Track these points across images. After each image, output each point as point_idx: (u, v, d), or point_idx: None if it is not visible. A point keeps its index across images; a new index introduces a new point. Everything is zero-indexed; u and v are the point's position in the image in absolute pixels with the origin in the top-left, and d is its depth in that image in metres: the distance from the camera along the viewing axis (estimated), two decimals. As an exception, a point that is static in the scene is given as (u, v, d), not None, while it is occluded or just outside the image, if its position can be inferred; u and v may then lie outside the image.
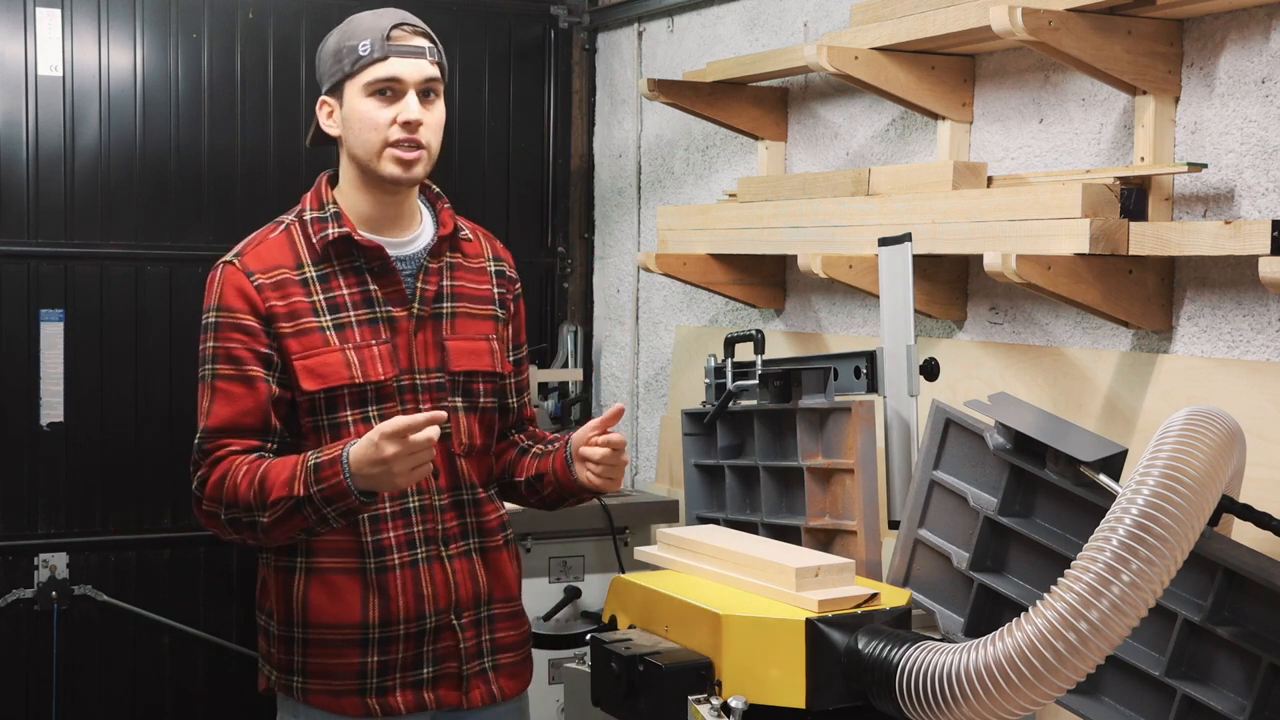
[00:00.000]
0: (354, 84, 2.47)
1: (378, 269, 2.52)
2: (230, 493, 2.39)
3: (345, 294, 2.49)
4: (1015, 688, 2.06)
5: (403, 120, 2.45)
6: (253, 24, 4.79)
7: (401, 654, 2.52)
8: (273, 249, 2.52)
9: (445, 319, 2.57)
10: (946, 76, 3.51)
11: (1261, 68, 2.85)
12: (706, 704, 2.31)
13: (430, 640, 2.54)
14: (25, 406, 4.58)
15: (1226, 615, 2.28)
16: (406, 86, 2.46)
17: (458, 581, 2.57)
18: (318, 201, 2.56)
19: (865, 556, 2.87)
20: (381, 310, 2.51)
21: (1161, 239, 2.81)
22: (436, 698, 2.56)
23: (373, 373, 2.47)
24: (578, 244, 5.26)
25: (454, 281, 2.59)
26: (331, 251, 2.51)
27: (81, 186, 4.61)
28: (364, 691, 2.52)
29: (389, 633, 2.51)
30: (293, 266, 2.50)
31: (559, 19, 5.20)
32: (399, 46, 2.45)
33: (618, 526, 3.98)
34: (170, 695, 4.83)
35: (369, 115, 2.46)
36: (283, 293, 2.47)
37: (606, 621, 2.68)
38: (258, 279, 2.47)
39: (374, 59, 2.44)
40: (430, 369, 2.53)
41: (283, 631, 2.55)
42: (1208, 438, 2.13)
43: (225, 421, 2.44)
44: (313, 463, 2.34)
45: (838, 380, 3.05)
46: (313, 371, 2.46)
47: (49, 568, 4.63)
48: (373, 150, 2.48)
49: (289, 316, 2.46)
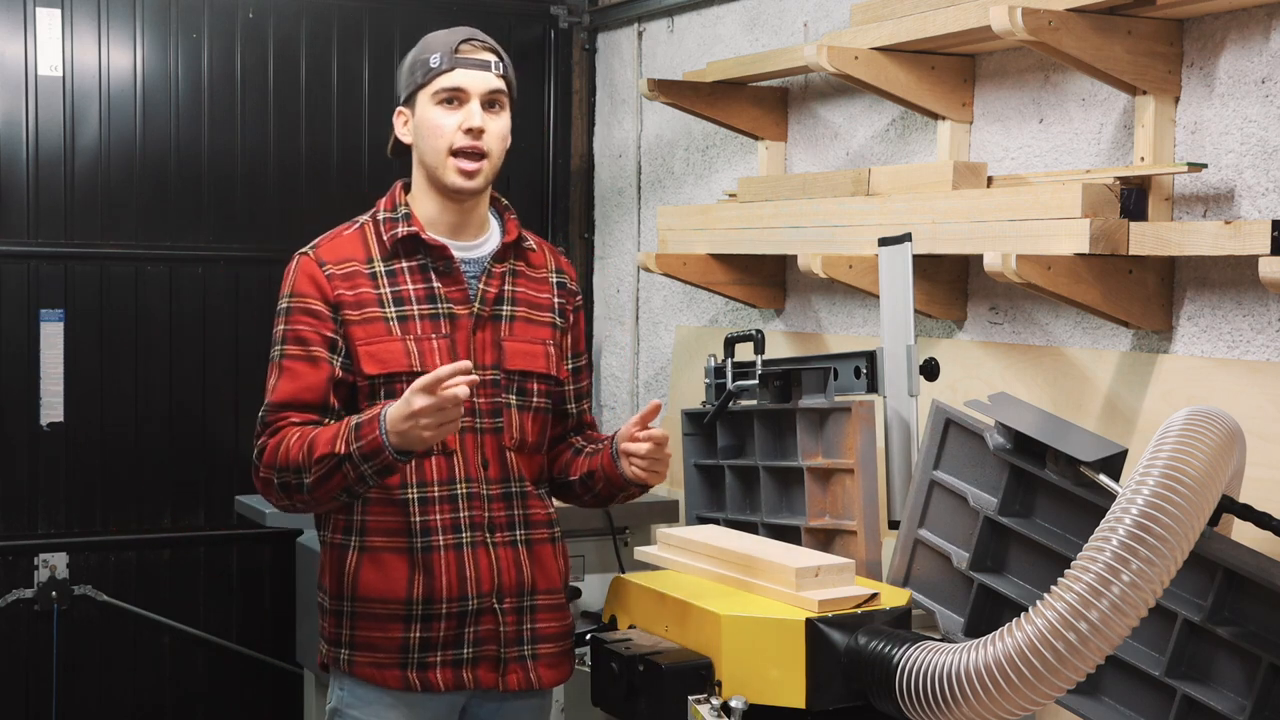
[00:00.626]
0: (424, 94, 2.65)
1: (442, 268, 2.67)
2: (283, 457, 2.55)
3: (410, 289, 2.66)
4: (1015, 688, 2.06)
5: (465, 127, 2.62)
6: (253, 24, 4.79)
7: (443, 632, 2.63)
8: (346, 243, 2.70)
9: (504, 321, 2.71)
10: (946, 76, 3.51)
11: (1261, 68, 2.85)
12: (706, 704, 2.32)
13: (472, 621, 2.65)
14: (25, 406, 4.58)
15: (1226, 615, 2.28)
16: (470, 96, 2.63)
17: (501, 568, 2.67)
18: (391, 204, 2.73)
19: (865, 556, 2.87)
20: (443, 307, 2.66)
21: (1161, 239, 2.81)
22: (475, 678, 2.66)
23: (430, 363, 2.60)
24: (578, 244, 5.26)
25: (515, 287, 2.74)
26: (400, 249, 2.67)
27: (81, 186, 4.61)
28: (405, 665, 2.63)
29: (431, 610, 2.63)
30: (363, 260, 2.67)
31: (559, 19, 5.20)
32: (465, 59, 2.63)
33: (618, 526, 3.98)
34: (170, 695, 4.83)
35: (435, 122, 2.63)
36: (351, 283, 2.64)
37: (606, 621, 2.68)
38: (329, 269, 2.65)
39: (442, 70, 2.63)
40: (486, 365, 2.67)
41: (334, 606, 2.69)
42: (1208, 438, 2.13)
43: (287, 396, 2.61)
44: (354, 422, 2.49)
45: (838, 380, 3.05)
46: (374, 357, 2.61)
47: (49, 568, 4.63)
48: (439, 157, 2.64)
49: (356, 305, 2.63)
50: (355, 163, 4.94)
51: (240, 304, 4.83)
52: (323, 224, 4.00)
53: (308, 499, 2.57)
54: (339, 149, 4.92)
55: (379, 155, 4.94)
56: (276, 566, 4.89)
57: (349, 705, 2.68)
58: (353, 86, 4.93)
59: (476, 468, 2.65)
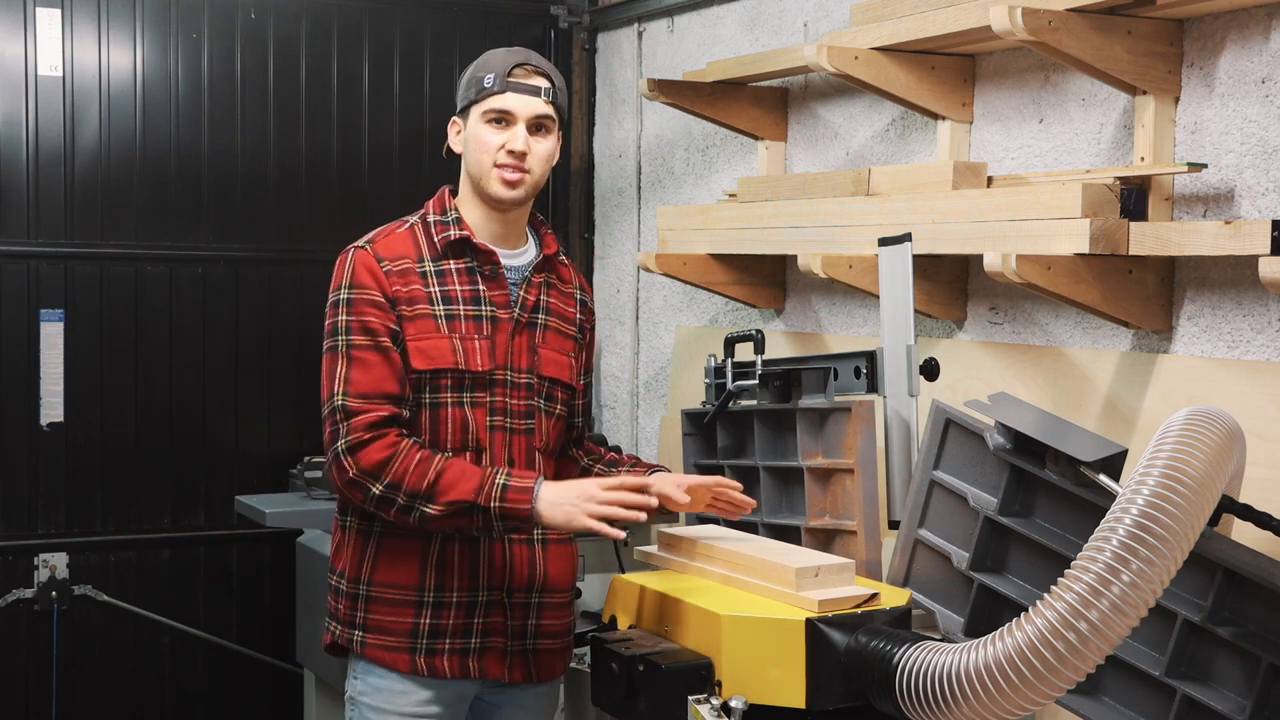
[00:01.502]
0: (476, 110, 2.76)
1: (488, 273, 2.78)
2: (398, 475, 2.61)
3: (458, 289, 2.75)
4: (1015, 688, 2.06)
5: (509, 149, 2.73)
6: (253, 24, 4.79)
7: (452, 621, 2.73)
8: (400, 241, 2.78)
9: (539, 329, 2.83)
10: (946, 76, 3.51)
11: (1261, 68, 2.85)
12: (706, 704, 2.32)
13: (481, 613, 2.75)
14: (25, 406, 4.59)
15: (1226, 615, 2.28)
16: (517, 119, 2.74)
17: (514, 564, 2.77)
18: (440, 207, 2.82)
19: (865, 556, 2.87)
20: (487, 309, 2.77)
21: (1161, 239, 2.81)
22: (481, 668, 2.76)
23: (473, 363, 2.73)
24: (578, 244, 5.26)
25: (549, 298, 2.87)
26: (450, 251, 2.77)
27: (81, 186, 4.61)
28: (414, 650, 2.73)
29: (442, 599, 2.73)
30: (415, 259, 2.76)
31: (559, 19, 5.20)
32: (517, 83, 2.74)
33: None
34: (170, 695, 4.83)
35: (483, 139, 2.74)
36: (405, 280, 2.72)
37: (606, 621, 2.68)
38: (386, 264, 2.73)
39: (494, 91, 2.74)
40: (522, 369, 2.79)
41: (350, 589, 2.78)
42: (1208, 438, 2.13)
43: (366, 387, 2.67)
44: (502, 483, 2.61)
45: (838, 380, 3.05)
46: (423, 352, 2.70)
47: (49, 568, 4.63)
48: (484, 169, 2.75)
49: (408, 301, 2.71)
50: (355, 162, 4.94)
51: (240, 304, 4.83)
52: (322, 224, 4.03)
53: (414, 522, 2.64)
54: (339, 149, 4.92)
55: (379, 155, 4.98)
56: (276, 566, 4.89)
57: (362, 694, 2.78)
58: (353, 86, 4.93)
59: (503, 465, 2.74)
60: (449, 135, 2.84)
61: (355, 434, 2.64)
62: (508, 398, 2.76)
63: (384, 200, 4.77)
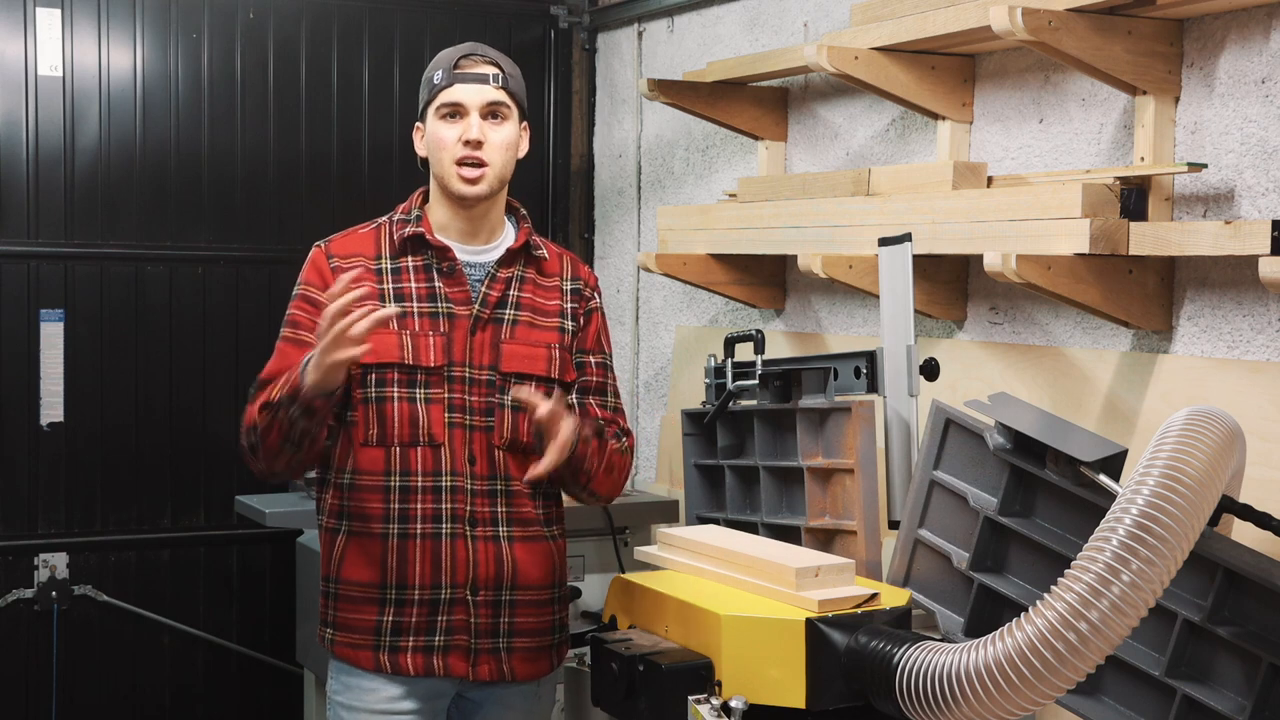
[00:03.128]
0: (431, 109, 2.77)
1: (446, 269, 2.78)
2: (248, 418, 2.70)
3: (413, 287, 2.77)
4: (1015, 688, 2.06)
5: (463, 139, 2.72)
6: (253, 24, 4.79)
7: (415, 618, 2.74)
8: (358, 241, 2.83)
9: (505, 324, 2.80)
10: (946, 76, 3.51)
11: (1261, 68, 2.85)
12: (706, 704, 2.31)
13: (445, 610, 2.74)
14: (25, 406, 4.59)
15: (1226, 615, 2.28)
16: (468, 110, 2.74)
17: (477, 561, 2.75)
18: (408, 208, 2.85)
19: (865, 556, 2.87)
20: (443, 306, 2.77)
21: (1161, 239, 2.81)
22: (445, 665, 2.75)
23: (424, 359, 2.74)
24: (578, 244, 5.26)
25: (521, 292, 2.83)
26: (407, 248, 2.79)
27: (81, 186, 4.61)
28: (378, 647, 2.75)
29: (404, 595, 2.74)
30: (371, 257, 2.80)
31: (559, 19, 5.20)
32: (463, 74, 2.74)
33: (618, 526, 3.98)
34: (170, 695, 4.83)
35: (440, 135, 2.75)
36: (355, 279, 2.69)
37: (606, 621, 2.68)
38: (335, 261, 2.78)
39: (443, 86, 2.75)
40: (483, 365, 2.77)
41: (324, 587, 2.83)
42: (1208, 438, 2.13)
43: (270, 374, 2.75)
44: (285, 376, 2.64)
45: (838, 380, 3.05)
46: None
47: (49, 568, 4.63)
48: (444, 168, 2.75)
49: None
50: (355, 163, 4.94)
51: (240, 304, 4.83)
52: (322, 223, 4.02)
53: (264, 455, 2.69)
54: (339, 149, 4.92)
55: (379, 155, 4.98)
56: (276, 566, 4.89)
57: (336, 693, 2.82)
58: (353, 86, 4.93)
59: (463, 462, 2.75)
60: (415, 144, 2.84)
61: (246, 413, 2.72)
62: (466, 394, 2.75)
63: (384, 200, 4.71)
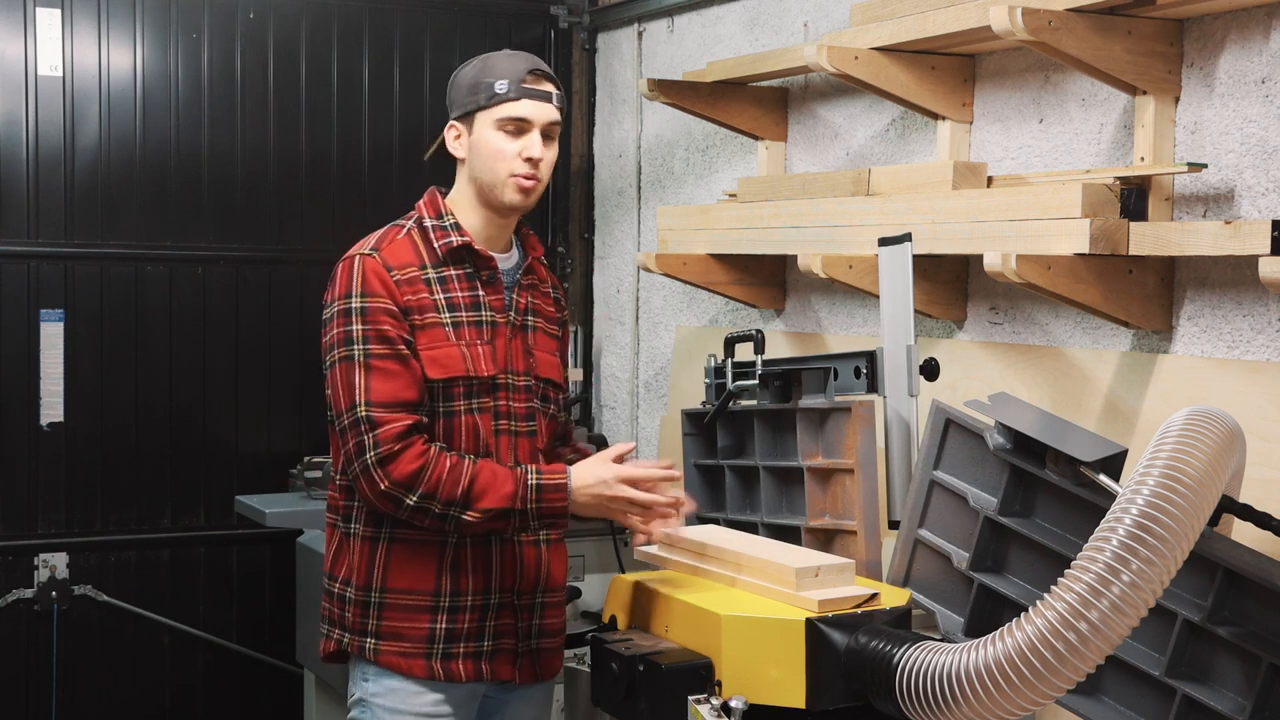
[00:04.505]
0: (486, 116, 2.70)
1: (487, 278, 2.77)
2: (432, 485, 2.59)
3: (460, 296, 2.73)
4: (1015, 688, 2.06)
5: (526, 156, 2.69)
6: (253, 24, 4.79)
7: (467, 624, 2.74)
8: (402, 249, 2.73)
9: (530, 331, 2.83)
10: (946, 76, 3.51)
11: (1261, 68, 2.85)
12: (706, 704, 2.32)
13: (493, 615, 2.76)
14: (25, 406, 4.58)
15: (1226, 615, 2.28)
16: (533, 126, 2.70)
17: (524, 566, 2.78)
18: (435, 211, 2.78)
19: (865, 556, 2.87)
20: (486, 314, 2.75)
21: (1162, 239, 2.81)
22: (493, 670, 2.77)
23: (478, 369, 2.72)
24: (578, 244, 5.26)
25: (534, 300, 2.86)
26: (450, 257, 2.74)
27: (81, 186, 4.61)
28: (431, 655, 2.73)
29: (458, 603, 2.73)
30: (418, 266, 2.72)
31: (559, 19, 5.20)
32: (532, 90, 2.70)
33: (618, 526, 3.98)
34: (170, 695, 4.83)
35: (498, 147, 2.69)
36: (414, 289, 2.70)
37: (606, 621, 2.68)
38: (395, 274, 2.69)
39: (508, 98, 2.68)
40: (520, 372, 2.79)
41: (360, 596, 2.75)
42: (1208, 438, 2.13)
43: (388, 396, 2.63)
44: (535, 483, 2.62)
45: (838, 380, 3.05)
46: (436, 361, 2.68)
47: (49, 568, 4.63)
48: (498, 178, 2.70)
49: (418, 310, 2.69)
50: (355, 163, 4.94)
51: (240, 304, 4.83)
52: (322, 224, 4.02)
53: (451, 528, 2.65)
54: (339, 149, 4.92)
55: (379, 155, 4.97)
56: (276, 566, 4.89)
57: (375, 695, 2.75)
58: (353, 86, 4.93)
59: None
60: (446, 139, 2.77)
61: (385, 445, 2.59)
62: (510, 401, 2.76)
63: (384, 200, 4.77)
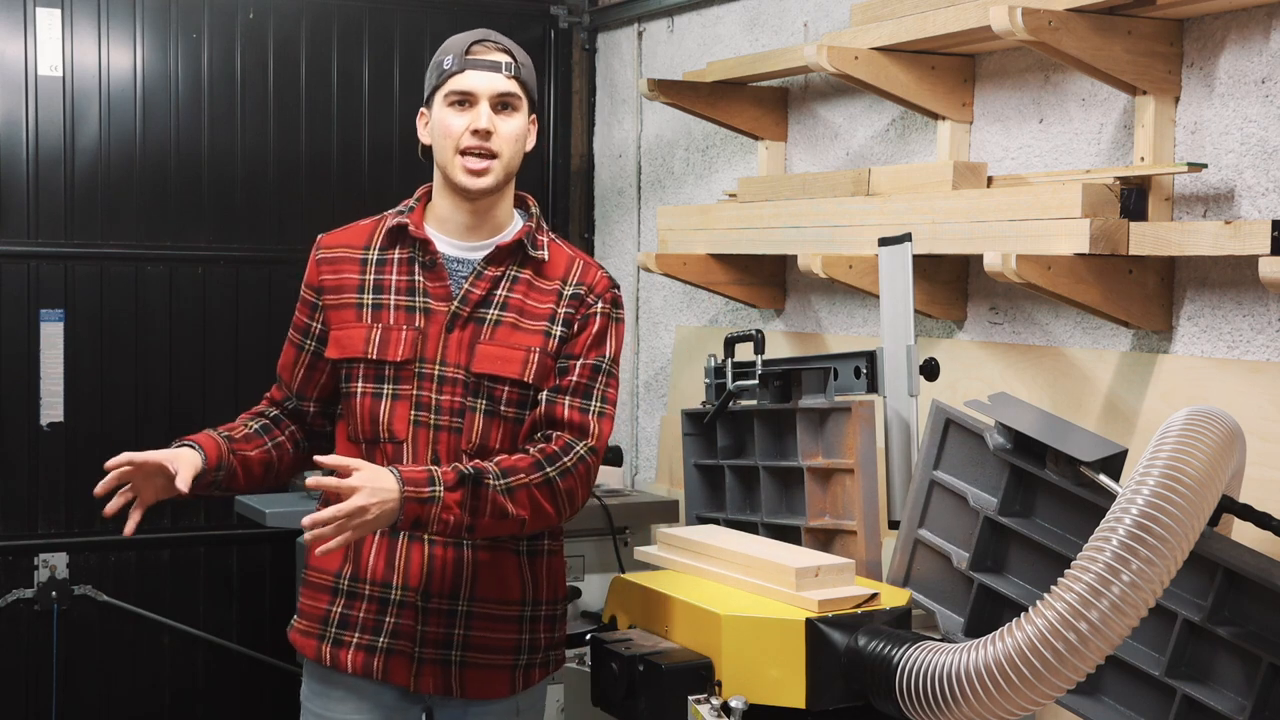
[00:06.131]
0: (438, 95, 2.67)
1: (428, 263, 2.68)
2: None
3: (393, 279, 2.69)
4: (1015, 688, 2.06)
5: (473, 128, 2.61)
6: (253, 24, 4.79)
7: (363, 613, 2.64)
8: (354, 233, 2.77)
9: (487, 324, 2.65)
10: (946, 76, 3.51)
11: (1261, 68, 2.85)
12: (706, 704, 2.32)
13: (393, 612, 2.63)
14: (25, 406, 4.58)
15: (1226, 615, 2.28)
16: (479, 98, 2.63)
17: (433, 567, 2.61)
18: (410, 201, 2.79)
19: (865, 556, 2.87)
20: (420, 300, 2.67)
21: (1162, 239, 2.81)
22: (385, 669, 2.63)
23: (392, 353, 2.64)
24: (578, 244, 5.25)
25: (510, 293, 2.67)
26: (391, 240, 2.72)
27: (81, 186, 4.61)
28: (323, 638, 2.68)
29: (356, 588, 2.65)
30: (359, 247, 2.74)
31: (559, 19, 5.20)
32: (475, 60, 2.65)
33: (618, 526, 3.98)
34: (170, 695, 4.83)
35: (446, 123, 2.64)
36: (335, 268, 2.72)
37: (606, 621, 2.68)
38: (321, 253, 2.74)
39: (453, 72, 2.65)
40: (456, 364, 2.64)
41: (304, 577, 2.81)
42: (1208, 438, 2.13)
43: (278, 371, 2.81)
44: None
45: (838, 380, 3.05)
46: (337, 342, 2.69)
47: (49, 568, 4.63)
48: (448, 157, 2.65)
49: (335, 290, 2.71)
50: (355, 163, 4.94)
51: (240, 304, 4.83)
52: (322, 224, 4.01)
53: None
54: (339, 149, 4.92)
55: (379, 155, 4.97)
56: (276, 566, 4.89)
57: (306, 698, 2.74)
58: (353, 86, 4.93)
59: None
60: (418, 130, 2.72)
61: None
62: (434, 392, 2.61)
63: (384, 200, 4.70)
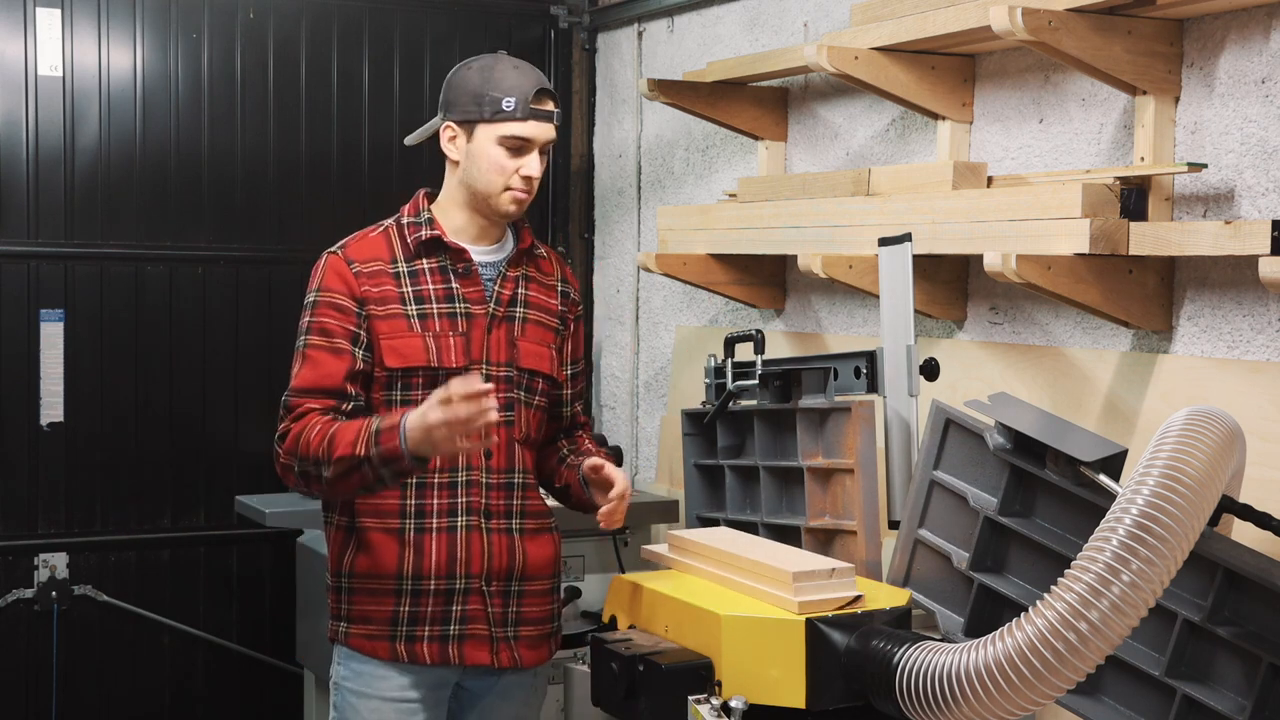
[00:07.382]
0: (489, 129, 2.77)
1: (461, 270, 2.84)
2: (304, 447, 2.72)
3: (430, 289, 2.82)
4: (1015, 688, 2.06)
5: (525, 174, 2.79)
6: (253, 24, 4.79)
7: (430, 608, 2.79)
8: (372, 244, 2.85)
9: (517, 321, 2.88)
10: (946, 76, 3.51)
11: (1261, 68, 2.85)
12: (706, 704, 2.32)
13: (459, 600, 2.80)
14: (25, 406, 4.58)
15: (1226, 615, 2.28)
16: (534, 146, 2.79)
17: (492, 553, 2.82)
18: (415, 210, 2.89)
19: (865, 556, 2.87)
20: (461, 306, 2.82)
21: (1162, 239, 2.81)
22: (461, 654, 2.81)
23: (446, 360, 2.79)
24: (578, 244, 5.26)
25: (527, 291, 2.91)
26: (422, 251, 2.83)
27: (81, 186, 4.61)
28: (394, 638, 2.80)
29: (420, 586, 2.79)
30: (388, 260, 2.83)
31: (559, 19, 5.20)
32: (538, 110, 2.78)
33: (618, 528, 3.98)
34: (170, 695, 4.83)
35: (498, 161, 2.78)
36: (376, 281, 2.80)
37: (606, 621, 2.68)
38: (356, 266, 2.81)
39: (514, 117, 2.76)
40: (500, 363, 2.84)
41: (334, 582, 2.88)
42: (1208, 438, 2.13)
43: (308, 383, 2.79)
44: (375, 428, 2.65)
45: (838, 380, 3.05)
46: (396, 351, 2.78)
47: (49, 568, 4.63)
48: (494, 190, 2.79)
49: (380, 301, 2.79)
50: (355, 163, 4.94)
51: (240, 304, 4.83)
52: (322, 224, 4.02)
53: (326, 489, 2.74)
54: (339, 149, 4.92)
55: (379, 155, 4.97)
56: (276, 566, 4.89)
57: (345, 679, 2.86)
58: (353, 86, 4.93)
59: (479, 457, 2.80)
60: (441, 138, 2.84)
61: (284, 425, 2.77)
62: None
63: (384, 200, 4.73)
